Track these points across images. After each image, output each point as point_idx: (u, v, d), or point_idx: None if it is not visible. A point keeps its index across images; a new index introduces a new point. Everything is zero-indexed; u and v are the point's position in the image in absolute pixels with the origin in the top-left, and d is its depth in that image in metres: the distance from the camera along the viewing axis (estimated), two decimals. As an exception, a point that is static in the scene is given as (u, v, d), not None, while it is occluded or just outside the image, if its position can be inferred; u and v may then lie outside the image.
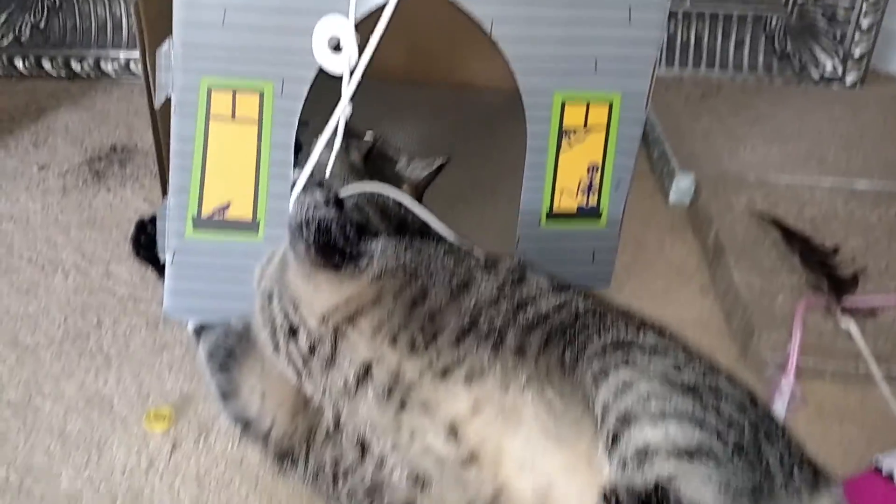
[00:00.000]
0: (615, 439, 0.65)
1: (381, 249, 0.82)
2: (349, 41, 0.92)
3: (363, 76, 0.94)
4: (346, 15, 0.92)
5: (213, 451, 0.93)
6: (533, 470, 0.69)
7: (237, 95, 0.96)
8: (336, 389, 0.79)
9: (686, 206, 1.41)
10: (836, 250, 1.20)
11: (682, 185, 1.41)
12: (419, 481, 0.74)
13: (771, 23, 1.77)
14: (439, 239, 0.93)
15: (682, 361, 0.71)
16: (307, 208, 0.83)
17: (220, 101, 0.96)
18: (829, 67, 1.79)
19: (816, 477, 0.74)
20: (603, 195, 1.11)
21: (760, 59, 1.79)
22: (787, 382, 1.02)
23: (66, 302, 1.14)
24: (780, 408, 1.00)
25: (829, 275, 1.14)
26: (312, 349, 0.80)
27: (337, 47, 0.93)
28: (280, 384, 0.85)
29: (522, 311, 0.77)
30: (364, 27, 0.93)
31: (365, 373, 0.77)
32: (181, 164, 0.98)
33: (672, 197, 1.42)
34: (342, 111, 0.92)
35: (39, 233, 1.27)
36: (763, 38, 1.78)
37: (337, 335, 0.79)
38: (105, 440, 0.94)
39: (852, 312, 1.10)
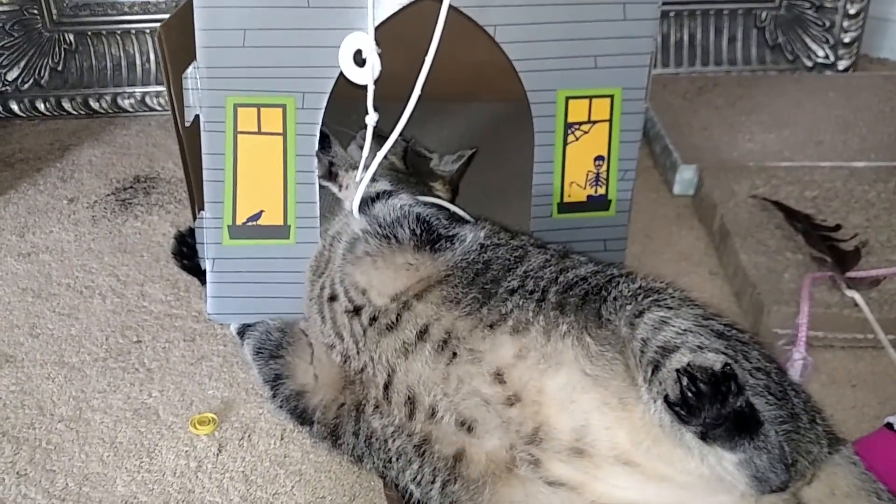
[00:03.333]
0: (656, 368, 0.71)
1: (468, 233, 0.91)
2: (371, 54, 0.97)
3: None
4: (365, 30, 0.98)
5: (257, 450, 0.98)
6: (571, 407, 0.76)
7: (262, 111, 1.03)
8: (392, 352, 0.86)
9: (690, 196, 1.46)
10: (837, 227, 1.24)
11: (685, 177, 1.46)
12: (465, 425, 0.81)
13: (761, 16, 1.83)
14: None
15: (711, 313, 0.78)
16: (402, 207, 0.92)
17: (246, 117, 1.03)
18: (820, 55, 1.84)
19: (830, 434, 0.79)
20: (610, 185, 1.16)
21: (753, 51, 1.84)
22: (799, 353, 1.06)
23: (105, 322, 1.20)
24: (794, 377, 1.04)
25: (832, 250, 1.19)
26: (374, 319, 0.88)
27: (360, 61, 0.99)
28: (329, 367, 0.94)
29: (564, 274, 0.86)
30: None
31: (423, 332, 0.85)
32: (214, 178, 1.05)
33: (676, 188, 1.47)
34: (371, 119, 0.98)
35: (75, 261, 1.33)
36: (755, 32, 1.83)
37: (404, 307, 0.87)
38: (154, 446, 0.99)
39: (857, 284, 1.14)
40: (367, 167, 0.98)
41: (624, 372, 0.75)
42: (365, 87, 0.98)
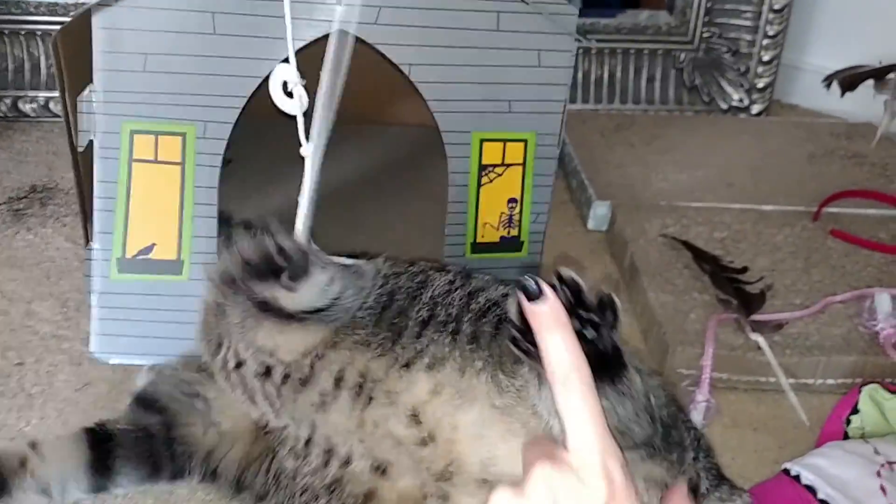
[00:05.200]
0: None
1: (342, 291, 0.84)
2: (296, 87, 0.94)
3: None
4: (281, 60, 0.95)
5: (147, 489, 0.92)
6: (481, 441, 0.74)
7: (159, 138, 0.99)
8: (310, 406, 0.81)
9: (604, 231, 1.47)
10: (744, 269, 1.26)
11: (599, 213, 1.46)
12: (380, 469, 0.78)
13: (680, 57, 1.86)
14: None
15: None
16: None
17: (143, 144, 0.99)
18: (735, 98, 1.89)
19: (721, 477, 0.80)
20: (523, 227, 1.16)
21: (671, 92, 1.87)
22: (702, 394, 1.07)
23: (-15, 342, 1.12)
24: (696, 419, 1.04)
25: (738, 292, 1.20)
26: (286, 377, 0.83)
27: (289, 92, 0.96)
28: (238, 420, 0.89)
29: (475, 299, 0.84)
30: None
31: (339, 379, 0.81)
32: (104, 207, 1.00)
33: (591, 223, 1.48)
34: (306, 150, 0.94)
35: (-44, 274, 1.25)
36: (673, 72, 1.87)
37: (316, 358, 0.82)
38: (27, 480, 0.92)
39: (761, 327, 1.15)
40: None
41: (529, 397, 0.73)
42: (295, 118, 0.95)
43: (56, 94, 1.73)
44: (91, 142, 1.00)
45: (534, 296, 0.56)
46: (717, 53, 1.87)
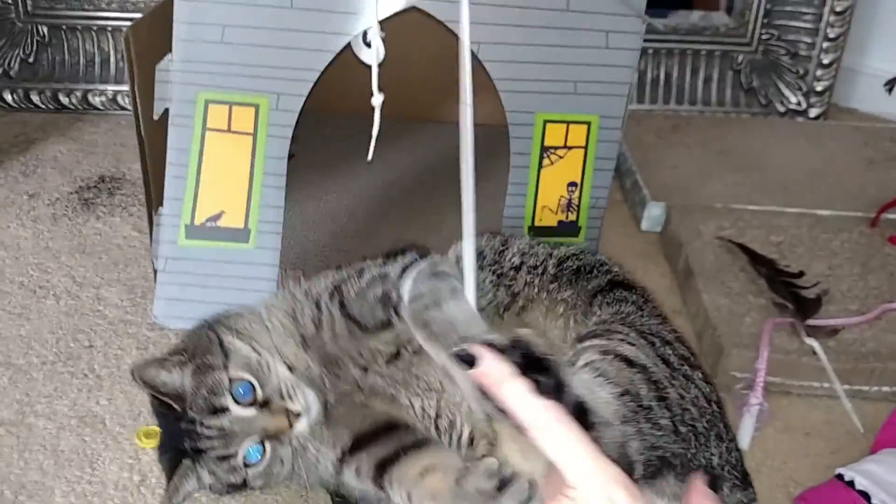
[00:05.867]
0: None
1: None
2: (375, 37, 0.97)
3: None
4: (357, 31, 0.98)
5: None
6: None
7: (233, 109, 1.01)
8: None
9: (657, 233, 1.47)
10: (800, 273, 1.26)
11: (653, 214, 1.46)
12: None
13: (738, 59, 1.85)
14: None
15: (670, 339, 0.84)
16: None
17: (217, 114, 1.01)
18: (793, 101, 1.87)
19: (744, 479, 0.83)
20: (581, 212, 1.16)
21: (728, 93, 1.86)
22: (756, 398, 1.07)
23: (57, 325, 1.16)
24: (748, 423, 1.04)
25: (794, 296, 1.19)
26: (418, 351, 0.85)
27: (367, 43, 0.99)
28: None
29: (555, 249, 0.93)
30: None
31: None
32: (176, 175, 1.02)
33: (644, 224, 1.48)
34: (377, 101, 0.96)
35: (30, 259, 1.30)
36: (730, 74, 1.86)
37: None
38: (98, 456, 0.96)
39: (816, 332, 1.15)
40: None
41: None
42: (370, 67, 0.97)
43: (123, 87, 1.79)
44: (166, 111, 1.02)
45: (470, 362, 0.56)
46: (775, 55, 1.85)
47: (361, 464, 0.82)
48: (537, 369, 0.60)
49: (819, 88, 1.85)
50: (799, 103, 1.87)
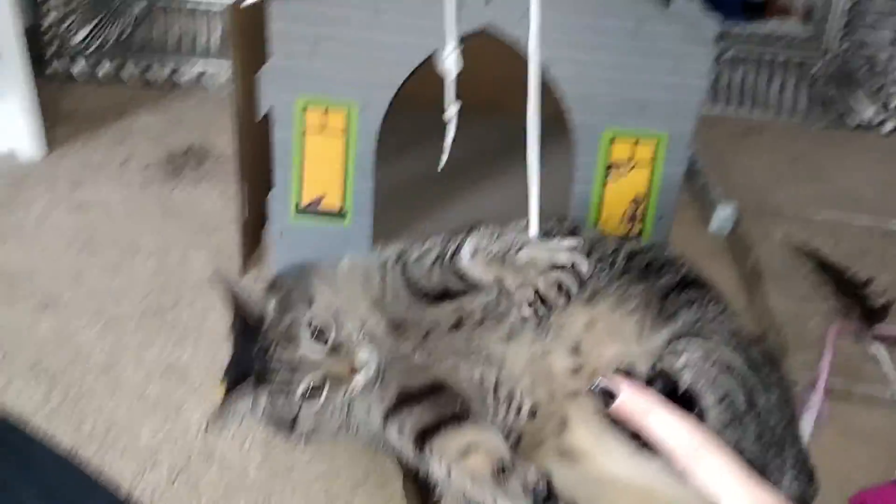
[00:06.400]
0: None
1: None
2: (454, 50, 1.00)
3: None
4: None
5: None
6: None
7: (328, 111, 1.11)
8: (499, 340, 0.87)
9: (725, 235, 1.48)
10: (868, 282, 1.26)
11: (722, 215, 1.48)
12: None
13: (813, 69, 1.85)
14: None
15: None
16: None
17: (313, 116, 1.12)
18: (867, 115, 1.86)
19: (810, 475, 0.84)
20: (646, 227, 1.19)
21: (801, 103, 1.86)
22: (816, 400, 1.08)
23: (146, 281, 1.23)
24: (807, 423, 1.06)
25: (860, 303, 1.20)
26: (482, 321, 0.88)
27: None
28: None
29: (625, 242, 0.92)
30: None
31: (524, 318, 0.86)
32: (282, 164, 1.15)
33: (713, 226, 1.49)
34: (452, 112, 1.00)
35: (122, 220, 1.38)
36: (805, 84, 1.85)
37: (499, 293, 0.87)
38: (182, 403, 1.03)
39: (881, 340, 1.15)
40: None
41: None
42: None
43: (212, 65, 1.86)
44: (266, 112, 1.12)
45: (607, 398, 0.54)
46: (852, 67, 1.84)
47: (405, 423, 0.84)
48: (680, 401, 0.62)
49: (894, 104, 1.84)
50: (873, 118, 1.86)
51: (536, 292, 0.83)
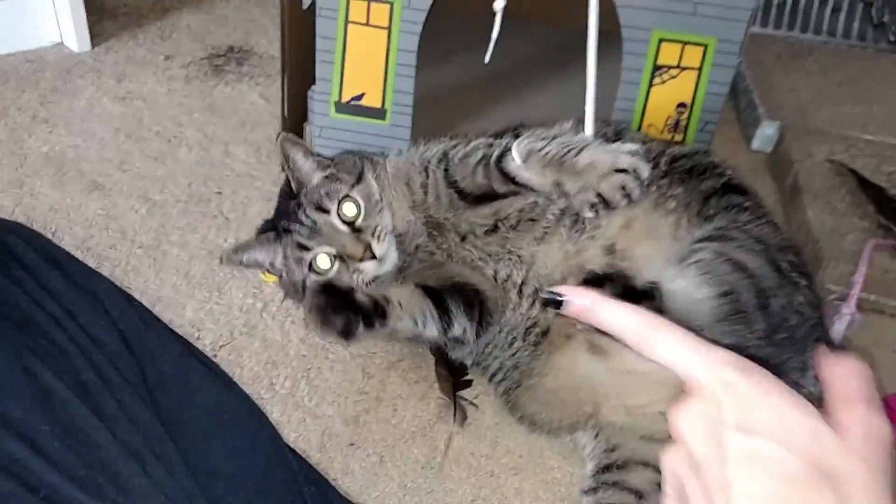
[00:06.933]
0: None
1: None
2: None
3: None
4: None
5: (319, 303, 1.04)
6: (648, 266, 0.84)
7: (371, 5, 1.10)
8: (534, 239, 0.89)
9: (767, 153, 1.47)
10: (909, 201, 1.25)
11: (766, 133, 1.46)
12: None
13: (869, -8, 1.79)
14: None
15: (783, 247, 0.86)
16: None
17: (358, 9, 1.10)
18: (922, 41, 1.80)
19: None
20: (689, 134, 1.18)
21: (855, 26, 1.81)
22: (849, 308, 1.08)
23: (189, 171, 1.26)
24: (838, 330, 1.07)
25: (899, 221, 1.19)
26: (517, 224, 0.90)
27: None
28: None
29: (668, 148, 0.93)
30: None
31: (560, 214, 0.89)
32: (324, 59, 1.14)
33: (755, 143, 1.48)
34: (500, 5, 0.99)
35: (166, 112, 1.39)
36: (860, 6, 1.80)
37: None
38: (225, 283, 1.06)
39: (919, 257, 1.15)
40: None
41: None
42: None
43: (255, -34, 1.85)
44: (314, 3, 1.11)
45: (556, 304, 0.54)
46: (910, -9, 1.78)
47: None
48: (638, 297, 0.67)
49: (952, 30, 1.78)
50: (928, 43, 1.80)
51: (599, 195, 0.84)
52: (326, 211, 0.88)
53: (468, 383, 0.95)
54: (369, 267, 0.88)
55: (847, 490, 0.40)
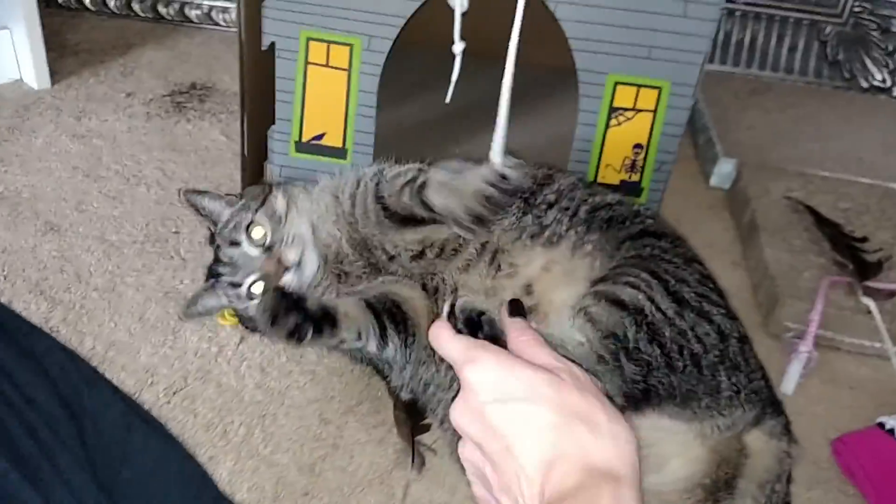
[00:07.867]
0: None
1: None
2: None
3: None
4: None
5: (276, 347, 1.03)
6: (567, 312, 0.84)
7: (331, 47, 1.11)
8: (457, 269, 0.91)
9: (725, 190, 1.49)
10: (864, 239, 1.27)
11: (723, 170, 1.48)
12: None
13: (825, 30, 1.83)
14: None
15: (693, 278, 0.87)
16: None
17: (317, 51, 1.12)
18: (878, 78, 1.85)
19: (772, 406, 0.85)
20: (645, 174, 1.20)
21: (812, 64, 1.85)
22: (805, 346, 1.09)
23: (147, 210, 1.25)
24: (795, 369, 1.08)
25: (854, 258, 1.21)
26: (441, 251, 0.92)
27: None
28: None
29: (593, 197, 0.94)
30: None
31: (479, 250, 0.91)
32: (284, 99, 1.15)
33: (713, 180, 1.50)
34: (458, 48, 1.01)
35: (126, 150, 1.38)
36: (816, 44, 1.84)
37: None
38: (180, 327, 1.04)
39: (873, 294, 1.16)
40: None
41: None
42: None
43: (219, 3, 1.85)
44: (272, 44, 1.12)
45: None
46: (864, 30, 1.83)
47: None
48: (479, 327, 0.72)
49: (906, 68, 1.83)
50: (884, 80, 1.85)
51: (467, 210, 0.88)
52: (238, 244, 0.92)
53: (426, 427, 0.95)
54: (289, 278, 0.91)
55: (591, 418, 0.51)
